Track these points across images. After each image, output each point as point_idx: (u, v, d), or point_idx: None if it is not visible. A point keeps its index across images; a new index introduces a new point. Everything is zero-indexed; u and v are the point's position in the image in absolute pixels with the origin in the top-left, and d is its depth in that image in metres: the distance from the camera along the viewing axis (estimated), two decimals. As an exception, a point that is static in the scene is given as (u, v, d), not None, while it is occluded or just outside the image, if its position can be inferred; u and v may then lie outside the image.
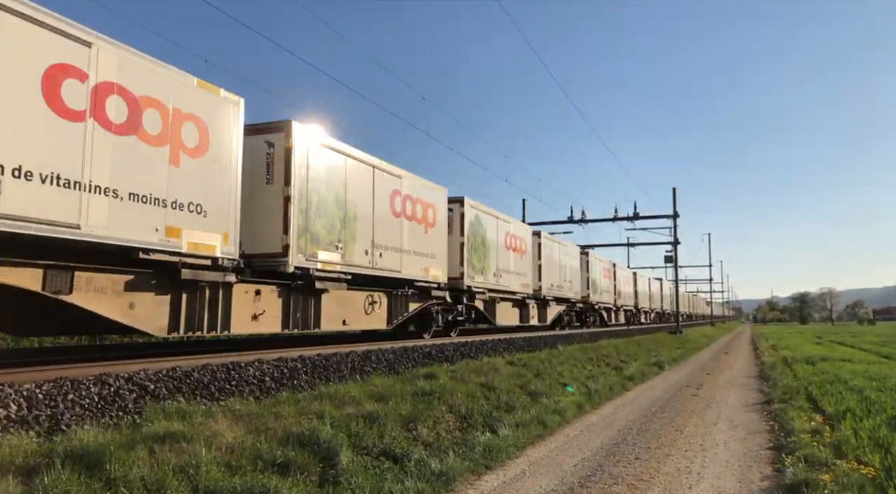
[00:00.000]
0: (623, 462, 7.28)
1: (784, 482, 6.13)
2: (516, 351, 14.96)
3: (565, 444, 8.29)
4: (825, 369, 16.01)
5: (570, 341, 19.80)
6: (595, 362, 16.95)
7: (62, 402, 5.33)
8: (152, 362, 7.65)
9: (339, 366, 9.08)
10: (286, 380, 7.90)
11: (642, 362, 19.68)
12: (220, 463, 5.01)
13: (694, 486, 6.33)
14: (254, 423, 6.01)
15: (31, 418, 5.00)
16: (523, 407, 9.73)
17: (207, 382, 6.86)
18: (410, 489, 5.63)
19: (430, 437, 7.26)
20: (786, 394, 12.22)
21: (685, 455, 7.71)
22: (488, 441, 7.54)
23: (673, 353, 25.70)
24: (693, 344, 34.32)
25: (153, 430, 5.18)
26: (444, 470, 6.23)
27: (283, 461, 5.35)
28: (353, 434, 6.43)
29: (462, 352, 12.78)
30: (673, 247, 42.34)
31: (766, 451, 7.92)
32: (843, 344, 33.11)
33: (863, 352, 25.46)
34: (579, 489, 6.15)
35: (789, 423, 8.99)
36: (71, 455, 4.39)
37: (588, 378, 14.06)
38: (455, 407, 8.44)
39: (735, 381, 16.83)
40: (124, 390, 5.93)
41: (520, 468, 6.97)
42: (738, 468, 7.10)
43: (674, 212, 40.74)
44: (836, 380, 12.90)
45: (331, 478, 5.43)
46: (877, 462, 6.18)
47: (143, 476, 4.42)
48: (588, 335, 23.01)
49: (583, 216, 39.77)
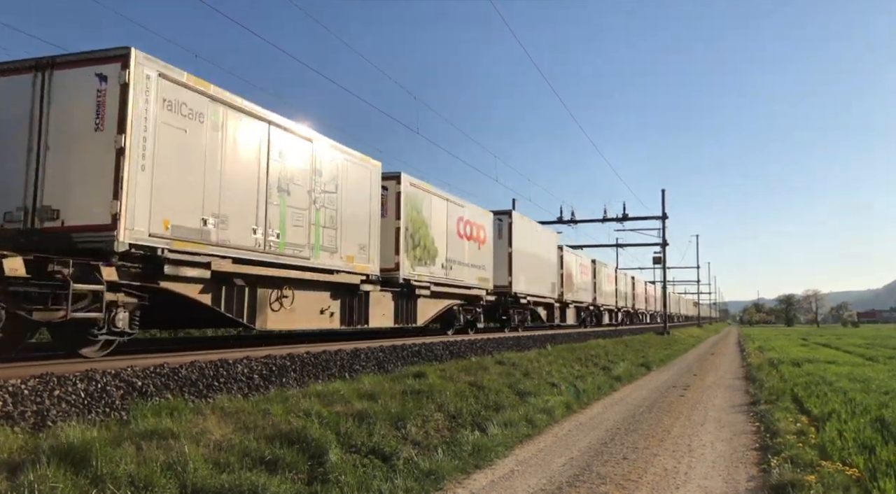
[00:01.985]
0: (611, 462, 7.31)
1: (770, 482, 6.18)
2: (505, 351, 14.99)
3: (554, 444, 8.31)
4: (811, 371, 16.15)
5: (559, 341, 19.86)
6: (583, 362, 17.02)
7: (48, 398, 5.27)
8: (139, 359, 7.59)
9: (328, 364, 9.05)
10: (275, 378, 7.87)
11: (630, 362, 19.77)
12: (208, 461, 4.98)
13: (681, 486, 6.36)
14: (242, 421, 5.98)
15: (16, 414, 4.95)
16: (512, 407, 9.74)
17: (195, 379, 6.81)
18: (399, 487, 5.62)
19: (419, 436, 7.26)
20: (772, 396, 12.32)
21: (673, 456, 7.75)
22: (477, 441, 7.55)
23: (660, 354, 25.85)
24: (680, 345, 34.53)
25: (140, 427, 5.14)
26: (434, 469, 6.23)
27: (272, 458, 5.33)
28: (342, 432, 6.41)
29: (451, 351, 12.79)
30: (661, 248, 42.62)
31: (753, 452, 7.98)
32: (828, 346, 33.42)
33: (847, 354, 25.71)
34: (568, 488, 6.17)
35: (775, 424, 9.06)
36: (57, 452, 4.34)
37: (577, 378, 14.11)
38: (444, 406, 8.45)
39: (722, 382, 16.95)
40: (111, 386, 5.88)
41: (509, 467, 6.98)
42: (724, 468, 7.15)
43: (662, 214, 41.01)
44: (822, 382, 13.02)
45: (319, 476, 5.42)
46: (861, 463, 6.24)
47: (131, 472, 4.39)
48: (577, 335, 23.09)
49: (572, 217, 39.95)
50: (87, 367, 6.13)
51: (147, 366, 6.55)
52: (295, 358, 8.57)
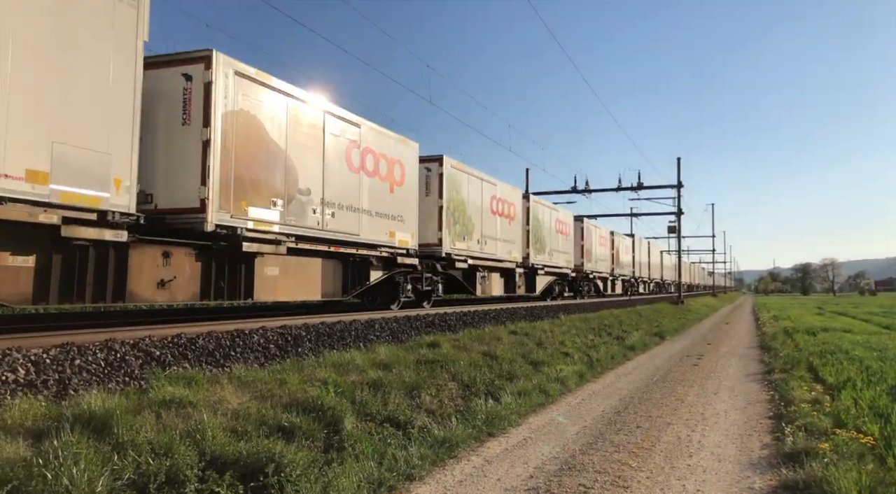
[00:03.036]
0: (624, 431, 7.35)
1: (784, 450, 6.20)
2: (518, 321, 15.03)
3: (567, 412, 8.38)
4: (826, 339, 16.07)
5: (572, 311, 19.88)
6: (597, 332, 17.04)
7: (69, 367, 5.38)
8: (157, 328, 7.70)
9: (343, 335, 9.14)
10: (290, 348, 7.96)
11: (644, 332, 19.78)
12: (226, 429, 5.06)
13: (694, 454, 6.40)
14: (259, 389, 6.06)
15: (39, 382, 5.05)
16: (525, 376, 9.80)
17: (213, 349, 6.91)
18: (414, 455, 5.70)
19: (433, 405, 7.33)
20: (786, 364, 12.29)
21: (686, 424, 7.78)
22: (491, 409, 7.62)
23: (674, 323, 25.82)
24: (694, 315, 34.46)
25: (159, 396, 5.23)
26: (448, 437, 6.31)
27: (288, 427, 5.41)
28: (358, 401, 6.49)
29: (465, 322, 12.85)
30: (676, 217, 42.21)
31: (767, 420, 8.00)
32: (844, 315, 33.20)
33: (864, 323, 25.54)
34: (581, 456, 6.23)
35: (789, 393, 9.05)
36: (80, 419, 4.43)
37: (590, 347, 14.15)
38: (458, 376, 8.51)
39: (736, 351, 16.93)
40: (130, 356, 5.98)
41: (522, 435, 7.05)
42: (738, 436, 7.17)
43: (678, 182, 40.53)
44: (837, 351, 12.95)
45: (335, 444, 5.50)
46: (876, 431, 6.22)
47: (151, 440, 4.47)
48: (590, 305, 23.08)
49: (587, 186, 39.59)
50: (106, 337, 6.22)
51: (165, 336, 6.65)
52: (311, 328, 8.65)
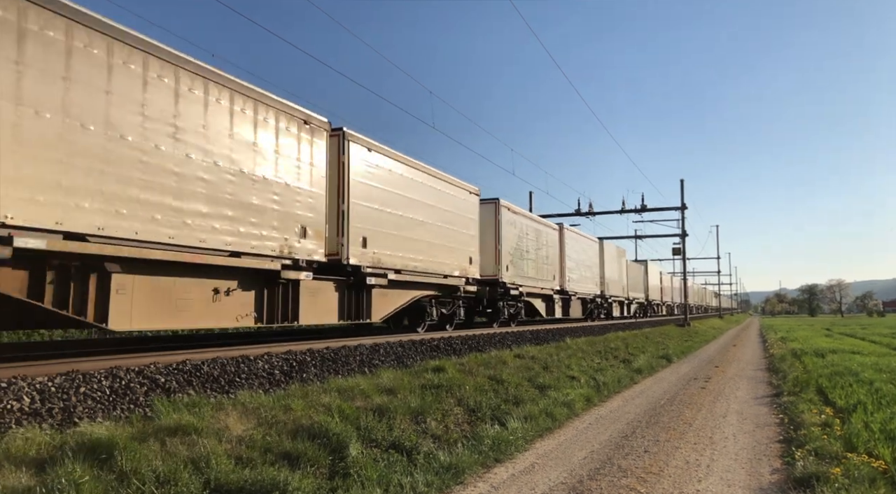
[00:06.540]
0: (632, 455, 7.27)
1: (794, 475, 6.11)
2: (524, 344, 14.96)
3: (574, 437, 8.29)
4: (835, 361, 15.92)
5: (578, 334, 19.78)
6: (603, 355, 16.94)
7: (74, 395, 5.37)
8: (162, 355, 7.69)
9: (348, 359, 9.11)
10: (295, 373, 7.94)
11: (650, 355, 19.64)
12: (231, 456, 5.03)
13: (703, 479, 6.32)
14: (263, 416, 6.03)
15: (44, 411, 5.04)
16: (532, 400, 9.73)
17: (217, 375, 6.89)
18: (420, 481, 5.64)
19: (438, 430, 7.27)
20: (795, 387, 12.17)
21: (694, 448, 7.69)
22: (497, 434, 7.55)
23: (681, 346, 25.64)
24: (701, 337, 34.22)
25: (164, 423, 5.21)
26: (454, 463, 6.25)
27: (293, 453, 5.37)
28: (363, 427, 6.45)
29: (469, 345, 12.79)
30: (681, 239, 42.19)
31: (776, 444, 7.90)
32: (852, 336, 32.93)
33: (873, 344, 25.31)
34: (589, 481, 6.15)
35: (799, 416, 8.95)
36: (83, 448, 4.42)
37: (596, 371, 14.04)
38: (463, 400, 8.46)
39: (744, 374, 16.78)
40: (135, 383, 5.97)
41: (529, 461, 6.97)
42: (747, 461, 7.08)
43: (681, 204, 40.60)
44: (847, 373, 12.82)
45: (340, 471, 5.45)
46: (888, 455, 6.14)
47: (155, 468, 4.45)
48: (598, 328, 22.97)
49: (590, 208, 39.67)
50: (111, 364, 6.22)
51: (170, 363, 6.64)
52: (315, 354, 8.63)
